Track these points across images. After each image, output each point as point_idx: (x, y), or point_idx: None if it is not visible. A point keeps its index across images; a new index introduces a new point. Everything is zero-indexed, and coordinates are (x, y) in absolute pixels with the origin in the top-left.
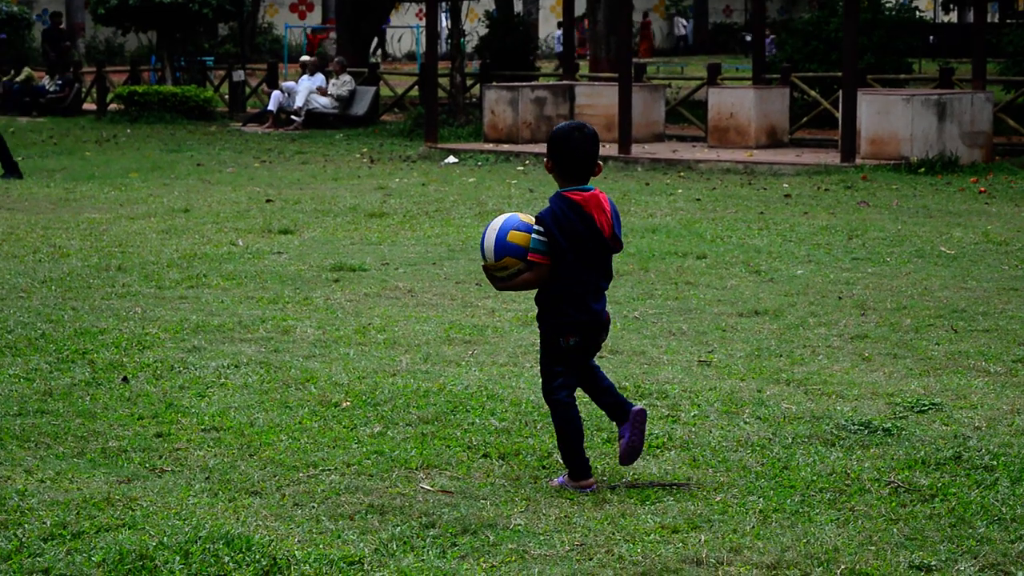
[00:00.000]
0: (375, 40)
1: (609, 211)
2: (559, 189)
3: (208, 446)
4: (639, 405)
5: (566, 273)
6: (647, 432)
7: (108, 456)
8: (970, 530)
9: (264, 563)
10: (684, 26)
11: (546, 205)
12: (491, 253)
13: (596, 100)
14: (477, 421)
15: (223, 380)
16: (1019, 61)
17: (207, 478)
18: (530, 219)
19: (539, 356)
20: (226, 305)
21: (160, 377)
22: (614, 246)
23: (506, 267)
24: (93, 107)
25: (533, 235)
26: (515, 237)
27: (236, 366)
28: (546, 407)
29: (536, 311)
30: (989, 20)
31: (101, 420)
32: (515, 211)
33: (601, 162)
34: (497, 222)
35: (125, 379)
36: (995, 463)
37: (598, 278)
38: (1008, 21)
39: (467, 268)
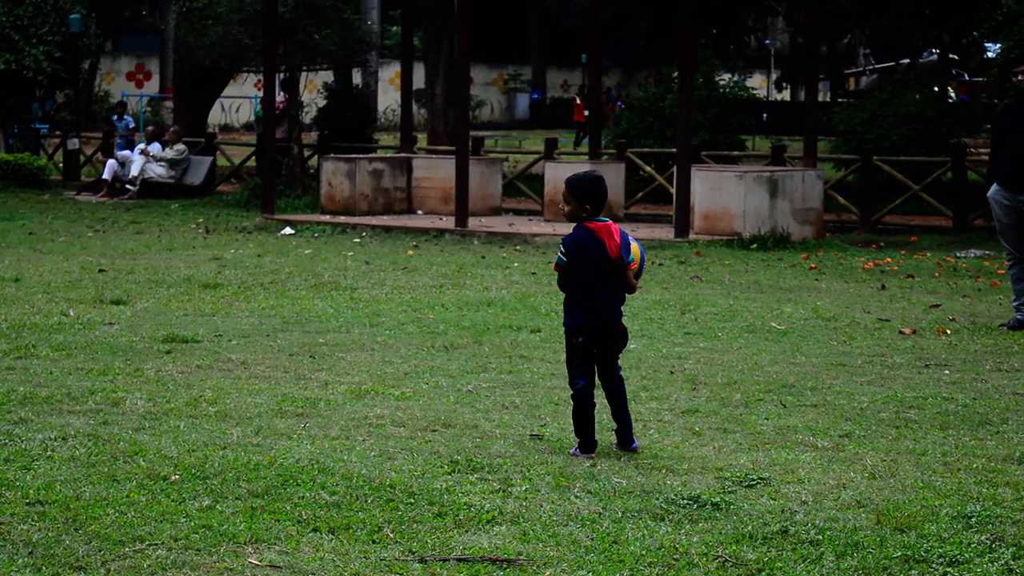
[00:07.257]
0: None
1: (618, 238)
2: (581, 221)
3: (32, 520)
4: (636, 444)
5: (578, 284)
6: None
7: None
8: None
9: None
10: None
11: (384, 277)
12: None
13: (434, 173)
14: (307, 495)
15: (49, 453)
16: (849, 139)
17: (31, 552)
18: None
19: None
20: (55, 376)
21: None
22: (619, 264)
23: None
24: None
25: (559, 252)
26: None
27: (63, 438)
28: (377, 482)
29: None
30: (820, 99)
31: None
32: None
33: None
34: None
35: None
36: (821, 538)
37: (605, 291)
38: (839, 100)
39: (301, 340)
